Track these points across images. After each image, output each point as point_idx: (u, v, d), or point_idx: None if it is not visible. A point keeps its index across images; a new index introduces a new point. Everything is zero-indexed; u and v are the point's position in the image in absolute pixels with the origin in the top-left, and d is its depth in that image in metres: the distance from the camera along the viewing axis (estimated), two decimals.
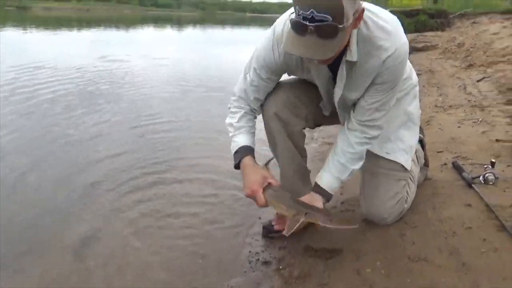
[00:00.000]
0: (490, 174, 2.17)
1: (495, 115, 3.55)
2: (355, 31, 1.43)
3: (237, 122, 1.79)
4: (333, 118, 1.88)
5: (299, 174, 1.92)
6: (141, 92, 5.43)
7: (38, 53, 8.82)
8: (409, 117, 1.86)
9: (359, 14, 1.34)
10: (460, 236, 1.71)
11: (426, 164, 2.28)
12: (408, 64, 1.75)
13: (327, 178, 1.73)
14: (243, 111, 1.79)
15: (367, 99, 1.59)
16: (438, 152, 2.73)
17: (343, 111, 1.74)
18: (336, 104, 1.70)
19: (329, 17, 1.21)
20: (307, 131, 1.95)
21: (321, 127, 2.22)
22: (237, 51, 11.60)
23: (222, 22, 46.09)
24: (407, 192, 1.90)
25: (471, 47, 8.23)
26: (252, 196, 1.68)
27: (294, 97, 1.81)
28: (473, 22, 10.99)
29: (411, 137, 1.88)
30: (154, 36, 19.21)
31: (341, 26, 1.24)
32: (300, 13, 1.24)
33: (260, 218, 2.17)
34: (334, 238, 1.82)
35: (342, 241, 1.80)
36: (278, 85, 1.81)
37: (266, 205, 1.68)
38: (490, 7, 12.43)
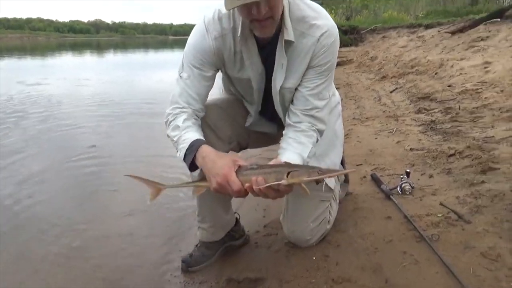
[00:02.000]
0: (406, 184, 2.22)
1: (408, 124, 3.71)
2: (287, 11, 1.44)
3: (183, 123, 1.53)
4: (259, 139, 1.82)
5: (219, 199, 1.82)
6: (62, 119, 5.11)
7: None
8: (335, 134, 1.84)
9: None
10: (382, 251, 1.71)
11: (346, 180, 2.29)
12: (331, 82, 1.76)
13: (290, 157, 1.47)
14: (185, 114, 1.55)
15: (307, 84, 1.54)
16: (357, 165, 2.77)
17: (282, 108, 1.64)
18: (275, 98, 1.60)
19: None
20: None
21: None
22: (160, 74, 11.44)
23: (143, 45, 45.50)
24: (329, 213, 1.88)
25: (383, 60, 8.71)
26: (223, 184, 1.36)
27: (217, 119, 1.70)
28: (383, 37, 11.69)
29: (335, 155, 1.86)
30: (73, 62, 18.43)
31: None
32: None
33: (180, 251, 2.04)
34: (257, 267, 1.74)
35: (265, 269, 1.72)
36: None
37: (242, 191, 1.35)
38: (397, 22, 13.30)
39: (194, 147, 1.44)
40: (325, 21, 1.48)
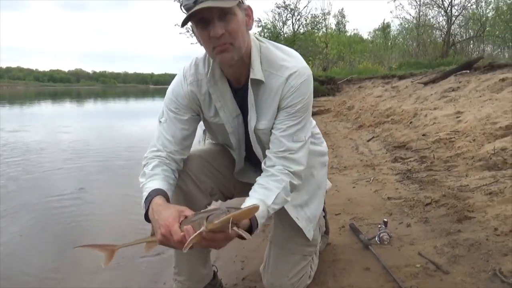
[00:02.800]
0: (384, 233, 2.23)
1: (385, 173, 3.76)
2: (256, 50, 1.47)
3: (151, 170, 1.52)
4: (245, 188, 1.81)
5: (197, 252, 1.77)
6: (39, 164, 5.01)
7: None
8: (318, 185, 1.81)
9: (248, 11, 1.42)
10: None
11: (326, 232, 2.28)
12: (318, 131, 1.78)
13: (250, 203, 1.37)
14: (157, 160, 1.55)
15: (279, 126, 1.50)
16: (336, 214, 2.77)
17: (262, 152, 1.62)
18: (252, 140, 1.60)
19: None
20: None
21: None
22: (141, 122, 11.50)
23: (124, 94, 45.71)
24: (311, 267, 1.85)
25: (360, 110, 8.94)
26: (167, 235, 1.27)
27: (198, 170, 1.69)
28: (359, 87, 12.07)
29: (316, 206, 1.81)
30: (52, 110, 18.41)
31: None
32: None
33: None
34: None
35: None
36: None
37: (183, 241, 1.23)
38: (372, 73, 13.78)
39: (149, 197, 1.41)
40: (294, 63, 1.48)
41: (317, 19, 23.07)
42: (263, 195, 1.42)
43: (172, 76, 1.69)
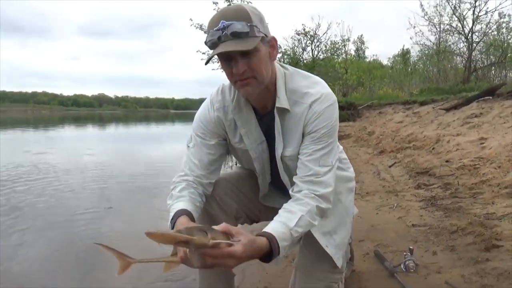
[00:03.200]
0: (410, 261, 2.20)
1: (408, 200, 3.73)
2: (281, 78, 1.51)
3: (178, 192, 1.55)
4: (272, 213, 1.82)
5: (221, 277, 1.78)
6: (64, 190, 5.11)
7: None
8: (346, 210, 1.77)
9: (272, 42, 1.44)
10: None
11: (351, 258, 2.26)
12: (345, 156, 1.79)
13: (271, 225, 1.36)
14: (185, 183, 1.59)
15: (304, 151, 1.51)
16: (360, 241, 2.75)
17: (289, 179, 1.63)
18: (279, 167, 1.61)
19: (238, 21, 1.33)
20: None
21: None
22: (160, 147, 11.69)
23: (145, 119, 46.43)
24: None
25: (381, 135, 8.89)
26: (184, 256, 1.21)
27: (223, 192, 1.72)
28: (379, 112, 12.03)
29: (345, 233, 1.76)
30: (75, 134, 18.92)
31: (251, 25, 1.33)
32: (213, 29, 1.35)
33: None
34: None
35: None
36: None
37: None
38: (392, 98, 13.75)
39: (175, 217, 1.43)
40: (319, 89, 1.50)
41: (336, 46, 23.31)
42: (285, 218, 1.40)
43: (193, 101, 1.78)
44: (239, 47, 1.33)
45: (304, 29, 21.90)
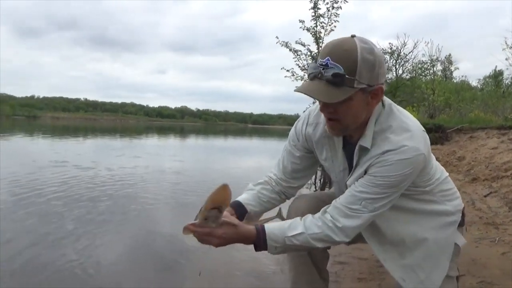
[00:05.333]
0: None
1: (511, 234, 3.45)
2: (375, 116, 1.46)
3: (253, 185, 1.75)
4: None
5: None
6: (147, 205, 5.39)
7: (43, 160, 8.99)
8: (439, 247, 1.64)
9: (377, 91, 1.38)
10: None
11: None
12: (448, 187, 1.69)
13: (273, 224, 1.50)
14: (266, 179, 1.76)
15: (356, 183, 1.47)
16: (460, 275, 2.57)
17: None
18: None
19: (341, 67, 1.30)
20: None
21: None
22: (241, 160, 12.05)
23: (224, 132, 47.75)
24: None
25: (472, 161, 8.36)
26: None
27: (305, 206, 1.71)
28: (471, 137, 11.32)
29: (435, 271, 1.63)
30: (161, 143, 20.38)
31: (349, 78, 1.30)
32: (319, 61, 1.34)
33: None
34: None
35: None
36: (300, 196, 1.82)
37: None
38: (485, 123, 12.90)
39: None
40: (401, 139, 1.40)
41: (424, 66, 22.43)
42: (290, 224, 1.47)
43: (271, 117, 1.87)
44: (324, 96, 1.33)
45: (391, 48, 21.40)
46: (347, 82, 1.30)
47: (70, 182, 6.40)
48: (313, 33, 16.20)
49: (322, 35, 16.09)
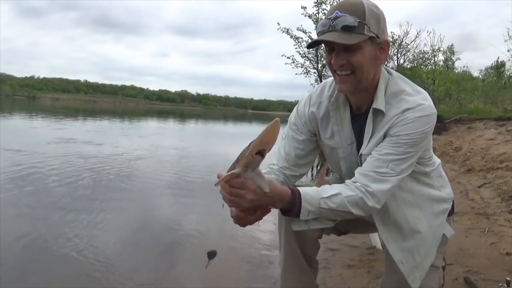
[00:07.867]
0: None
1: (501, 225, 3.49)
2: (383, 82, 1.48)
3: None
4: (358, 226, 1.79)
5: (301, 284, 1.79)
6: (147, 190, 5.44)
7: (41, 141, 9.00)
8: (432, 232, 1.66)
9: (383, 45, 1.43)
10: None
11: (442, 285, 2.14)
12: (441, 175, 1.72)
13: (306, 188, 1.47)
14: (268, 169, 1.68)
15: (378, 149, 1.46)
16: (448, 264, 2.61)
17: None
18: (358, 163, 1.57)
19: (350, 16, 1.35)
20: None
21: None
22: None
23: (224, 117, 47.69)
24: None
25: (469, 152, 8.38)
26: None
27: None
28: (469, 127, 11.33)
29: (427, 255, 1.65)
30: (158, 127, 20.44)
31: (360, 22, 1.34)
32: (326, 18, 1.40)
33: None
34: None
35: None
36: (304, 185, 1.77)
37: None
38: (484, 114, 12.90)
39: None
40: (417, 98, 1.44)
41: (426, 55, 22.33)
42: (322, 189, 1.45)
43: (271, 103, 1.81)
44: (340, 39, 1.35)
45: (392, 37, 21.24)
46: (359, 27, 1.35)
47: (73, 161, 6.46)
48: (314, 20, 16.11)
49: None
